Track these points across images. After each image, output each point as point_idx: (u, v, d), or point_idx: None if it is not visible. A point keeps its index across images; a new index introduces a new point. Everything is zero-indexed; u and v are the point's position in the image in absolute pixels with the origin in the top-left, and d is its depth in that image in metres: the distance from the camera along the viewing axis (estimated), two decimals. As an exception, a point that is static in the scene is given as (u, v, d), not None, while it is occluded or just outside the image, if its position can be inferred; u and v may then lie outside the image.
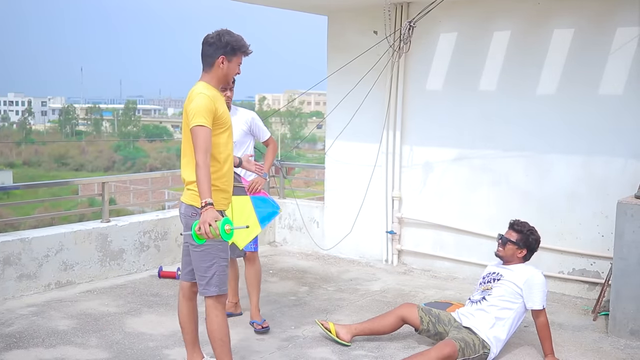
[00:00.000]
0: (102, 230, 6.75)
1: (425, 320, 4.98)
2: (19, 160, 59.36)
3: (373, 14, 7.18)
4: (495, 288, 4.90)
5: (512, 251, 4.99)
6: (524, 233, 5.00)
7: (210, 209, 3.79)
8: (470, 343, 4.66)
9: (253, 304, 5.50)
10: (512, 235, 5.02)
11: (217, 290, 4.12)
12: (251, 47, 4.18)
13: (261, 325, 5.37)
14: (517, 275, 4.90)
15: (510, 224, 5.08)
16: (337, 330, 5.09)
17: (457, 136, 7.10)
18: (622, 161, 6.13)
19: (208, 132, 3.90)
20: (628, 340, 5.25)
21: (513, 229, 5.04)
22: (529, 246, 5.00)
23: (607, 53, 6.18)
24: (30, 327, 5.32)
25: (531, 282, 4.84)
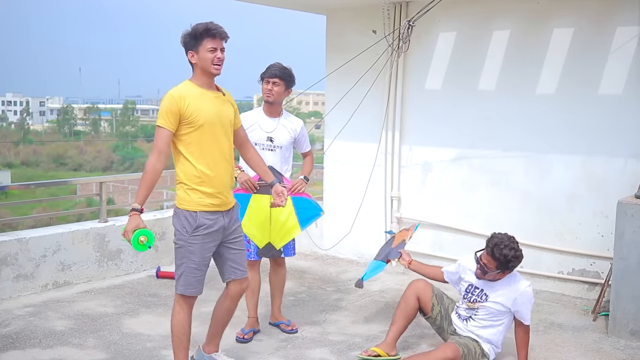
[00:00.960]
0: (100, 230, 6.72)
1: (436, 310, 4.88)
2: (17, 160, 59.29)
3: (372, 13, 7.15)
4: (481, 309, 4.68)
5: (493, 276, 4.63)
6: (502, 262, 4.54)
7: (133, 216, 3.86)
8: (472, 350, 4.60)
9: (276, 306, 5.45)
10: (491, 262, 4.57)
11: (182, 289, 4.16)
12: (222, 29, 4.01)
13: (291, 327, 5.32)
14: (504, 295, 4.63)
15: (490, 247, 4.57)
16: (384, 349, 4.85)
17: (456, 136, 7.07)
18: (622, 161, 6.11)
19: (164, 134, 3.90)
20: (628, 341, 5.23)
21: (492, 255, 4.55)
22: (511, 268, 4.62)
23: (607, 53, 6.16)
24: (27, 328, 5.29)
25: (520, 301, 4.62)
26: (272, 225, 5.13)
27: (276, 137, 5.17)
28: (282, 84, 5.12)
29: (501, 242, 4.55)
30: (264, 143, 5.16)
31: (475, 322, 4.70)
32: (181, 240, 4.09)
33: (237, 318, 5.56)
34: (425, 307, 4.90)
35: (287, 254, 5.35)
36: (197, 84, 4.05)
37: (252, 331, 5.27)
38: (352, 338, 5.27)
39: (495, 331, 4.69)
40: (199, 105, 3.98)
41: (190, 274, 4.13)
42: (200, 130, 3.99)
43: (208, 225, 4.08)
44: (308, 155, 5.49)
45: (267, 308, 5.75)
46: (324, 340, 5.18)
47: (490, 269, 4.59)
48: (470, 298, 4.76)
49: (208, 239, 4.12)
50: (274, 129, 5.16)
